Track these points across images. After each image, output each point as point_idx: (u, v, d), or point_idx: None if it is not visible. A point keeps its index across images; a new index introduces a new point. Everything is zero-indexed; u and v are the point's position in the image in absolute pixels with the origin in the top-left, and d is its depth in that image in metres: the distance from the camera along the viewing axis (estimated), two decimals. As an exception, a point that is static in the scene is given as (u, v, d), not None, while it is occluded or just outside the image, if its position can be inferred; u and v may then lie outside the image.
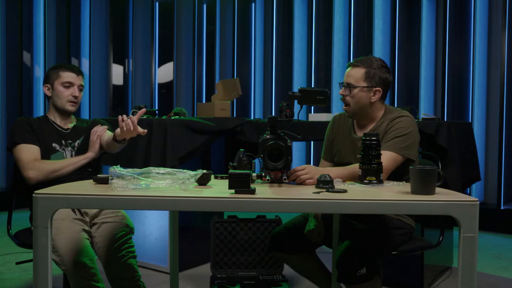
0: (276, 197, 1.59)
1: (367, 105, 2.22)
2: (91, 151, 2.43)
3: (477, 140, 4.11)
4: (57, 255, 2.06)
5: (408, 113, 2.23)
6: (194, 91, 6.65)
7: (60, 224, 2.12)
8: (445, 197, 1.57)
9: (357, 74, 2.21)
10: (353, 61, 2.26)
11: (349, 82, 2.22)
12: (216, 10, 6.71)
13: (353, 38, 5.88)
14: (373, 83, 2.20)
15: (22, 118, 2.46)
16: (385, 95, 2.26)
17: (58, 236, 2.08)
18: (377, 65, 2.21)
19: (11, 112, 5.81)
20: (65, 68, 2.50)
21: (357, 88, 2.20)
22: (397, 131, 2.14)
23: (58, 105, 2.48)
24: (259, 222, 3.13)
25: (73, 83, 2.48)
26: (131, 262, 2.24)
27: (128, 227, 2.30)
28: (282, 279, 3.02)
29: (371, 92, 2.20)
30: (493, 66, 5.05)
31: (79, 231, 2.15)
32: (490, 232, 4.67)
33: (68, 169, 2.33)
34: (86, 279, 2.07)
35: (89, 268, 2.08)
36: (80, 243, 2.10)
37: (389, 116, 2.22)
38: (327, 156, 2.45)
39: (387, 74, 2.24)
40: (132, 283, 2.23)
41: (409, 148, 2.13)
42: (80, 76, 2.52)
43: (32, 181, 2.28)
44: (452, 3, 5.18)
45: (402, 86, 5.55)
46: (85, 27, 6.43)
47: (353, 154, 2.27)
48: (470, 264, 1.50)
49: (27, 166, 2.29)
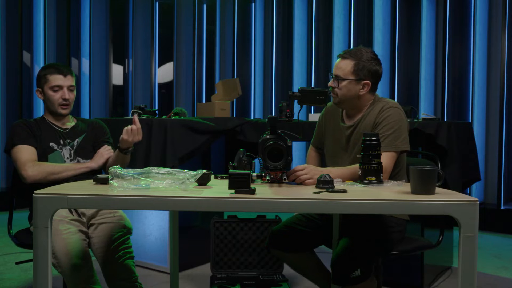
0: (276, 197, 1.59)
1: (355, 97, 2.20)
2: (95, 162, 2.42)
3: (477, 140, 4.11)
4: (54, 257, 2.05)
5: (395, 103, 2.21)
6: (194, 91, 6.64)
7: (56, 226, 2.10)
8: (445, 197, 1.57)
9: (346, 66, 2.19)
10: (343, 52, 2.23)
11: (338, 75, 2.20)
12: (216, 10, 6.71)
13: (353, 38, 5.88)
14: (362, 75, 2.17)
15: (20, 121, 2.44)
16: (375, 87, 2.24)
17: (55, 238, 2.07)
18: (366, 57, 2.19)
19: (11, 112, 5.81)
20: (52, 70, 2.43)
21: (346, 81, 2.18)
22: (389, 126, 2.12)
23: (51, 109, 2.46)
24: (259, 222, 3.13)
25: (62, 85, 2.42)
26: (128, 263, 2.23)
27: (126, 228, 2.28)
28: (282, 279, 3.02)
29: (359, 85, 2.18)
30: (493, 66, 5.05)
31: (75, 232, 2.14)
32: (490, 232, 4.66)
33: (67, 174, 2.31)
34: (83, 282, 2.07)
35: (85, 271, 2.07)
36: (77, 245, 2.09)
37: (377, 106, 2.20)
38: (315, 143, 2.48)
39: (377, 67, 2.21)
40: (129, 284, 2.22)
41: (403, 141, 2.13)
42: (68, 76, 2.44)
43: (29, 179, 2.26)
44: (452, 3, 5.18)
45: (402, 86, 5.55)
46: (85, 27, 6.43)
47: (339, 143, 2.27)
48: (470, 264, 1.50)
49: (25, 165, 2.28)
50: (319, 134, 2.45)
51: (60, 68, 2.45)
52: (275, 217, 3.14)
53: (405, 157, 2.28)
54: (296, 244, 2.31)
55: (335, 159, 2.30)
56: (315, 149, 2.50)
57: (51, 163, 2.35)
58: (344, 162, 2.22)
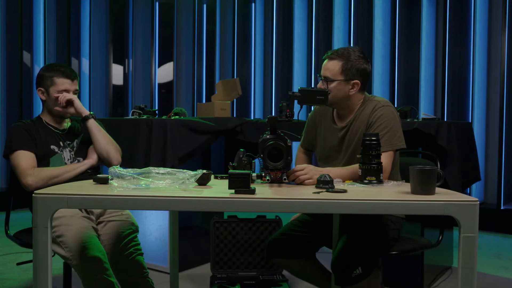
0: (276, 197, 1.59)
1: (345, 98, 2.19)
2: (92, 158, 2.42)
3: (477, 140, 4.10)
4: (68, 250, 2.06)
5: (386, 101, 2.20)
6: (194, 91, 6.64)
7: (69, 221, 2.13)
8: (445, 197, 1.57)
9: (334, 67, 2.17)
10: (330, 52, 2.20)
11: (326, 76, 2.18)
12: (216, 10, 6.71)
13: (353, 38, 5.87)
14: (351, 75, 2.16)
15: (18, 124, 2.41)
16: (364, 86, 2.22)
17: (68, 231, 2.09)
18: (354, 56, 2.17)
19: (11, 112, 5.81)
20: (60, 73, 2.42)
21: (335, 82, 2.16)
22: (383, 125, 2.11)
23: (53, 112, 2.45)
24: (259, 222, 3.13)
25: (69, 89, 2.43)
26: (139, 259, 2.28)
27: (134, 225, 2.32)
28: (282, 279, 3.02)
29: (349, 85, 2.16)
30: (493, 66, 5.05)
31: (88, 227, 2.16)
32: (490, 232, 4.66)
33: (66, 176, 2.31)
34: (100, 273, 2.08)
35: (102, 262, 2.08)
36: (91, 238, 2.11)
37: (368, 105, 2.19)
38: (304, 144, 2.44)
39: (365, 65, 2.19)
40: (141, 279, 2.27)
41: (398, 139, 2.13)
42: (75, 81, 2.45)
43: (31, 188, 2.25)
44: (452, 3, 5.18)
45: (402, 86, 5.54)
46: (85, 27, 6.43)
47: (331, 144, 2.26)
48: (470, 264, 1.50)
49: (26, 173, 2.26)
50: (308, 136, 2.42)
51: (68, 72, 2.44)
52: (275, 217, 3.14)
53: (399, 155, 2.28)
54: (296, 250, 2.28)
55: (327, 160, 2.28)
56: (304, 150, 2.46)
57: (50, 168, 2.33)
58: (338, 163, 2.21)
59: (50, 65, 2.53)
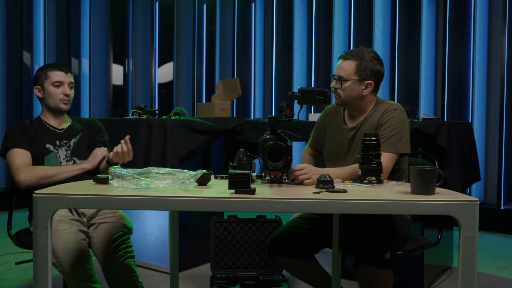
0: (276, 197, 1.59)
1: (358, 98, 2.20)
2: (89, 163, 2.39)
3: (477, 140, 4.11)
4: (54, 256, 2.05)
5: (399, 105, 2.21)
6: (194, 91, 6.64)
7: (56, 226, 2.10)
8: (445, 197, 1.57)
9: (348, 67, 2.18)
10: (344, 53, 2.22)
11: (340, 75, 2.19)
12: (216, 10, 6.71)
13: (353, 38, 5.87)
14: (365, 76, 2.17)
15: (15, 124, 2.43)
16: (377, 88, 2.23)
17: (55, 238, 2.06)
18: (369, 57, 2.18)
19: (11, 112, 5.81)
20: (53, 67, 2.47)
21: (349, 81, 2.17)
22: (392, 127, 2.12)
23: (51, 105, 2.45)
24: (259, 222, 3.13)
25: (63, 81, 2.44)
26: (129, 262, 2.23)
27: (126, 227, 2.28)
28: (282, 279, 3.02)
29: (362, 85, 2.18)
30: (493, 66, 5.04)
31: (75, 232, 2.14)
32: (490, 232, 4.66)
33: (60, 177, 2.29)
34: (83, 281, 2.07)
35: (85, 270, 2.07)
36: (77, 245, 2.09)
37: (380, 108, 2.20)
38: (313, 144, 2.45)
39: (379, 66, 2.21)
40: (130, 283, 2.22)
41: (404, 144, 2.13)
42: (69, 73, 2.48)
43: (23, 184, 2.25)
44: (452, 3, 5.18)
45: (402, 86, 5.54)
46: (85, 27, 6.43)
47: (340, 145, 2.26)
48: (470, 264, 1.50)
49: (19, 170, 2.27)
50: (318, 136, 2.43)
51: (60, 66, 2.49)
52: (275, 217, 3.14)
53: (407, 160, 2.28)
54: (299, 248, 2.27)
55: (336, 160, 2.28)
56: (312, 151, 2.47)
57: (44, 167, 2.33)
58: (346, 164, 2.20)
59: (43, 65, 2.57)
